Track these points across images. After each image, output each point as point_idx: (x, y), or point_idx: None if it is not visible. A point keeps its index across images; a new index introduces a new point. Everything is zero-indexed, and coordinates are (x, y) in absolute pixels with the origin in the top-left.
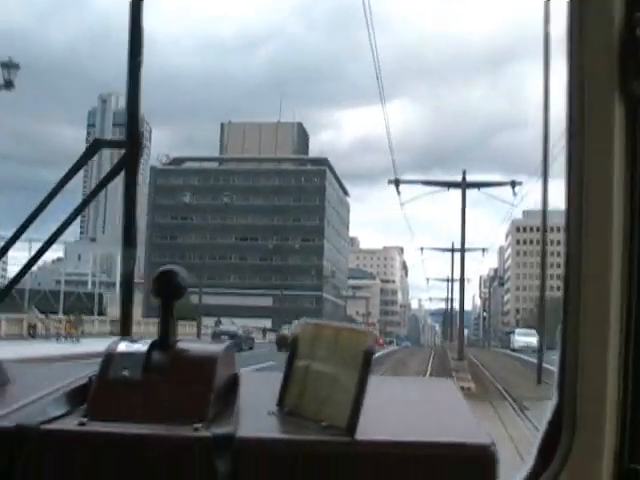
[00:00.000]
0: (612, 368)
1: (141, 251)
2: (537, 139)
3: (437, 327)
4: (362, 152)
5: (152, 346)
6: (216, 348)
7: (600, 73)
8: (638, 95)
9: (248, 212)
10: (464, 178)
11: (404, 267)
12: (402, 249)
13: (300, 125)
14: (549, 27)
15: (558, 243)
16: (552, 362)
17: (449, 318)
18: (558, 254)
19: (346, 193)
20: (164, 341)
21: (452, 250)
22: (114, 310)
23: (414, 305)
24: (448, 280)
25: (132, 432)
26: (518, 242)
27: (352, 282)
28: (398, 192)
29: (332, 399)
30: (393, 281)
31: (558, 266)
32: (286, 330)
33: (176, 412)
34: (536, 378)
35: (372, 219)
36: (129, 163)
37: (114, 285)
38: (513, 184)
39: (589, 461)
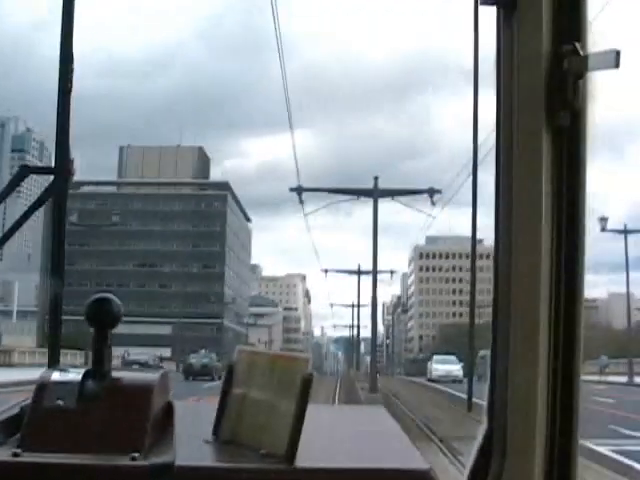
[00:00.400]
0: (542, 394)
1: (35, 278)
2: (444, 166)
3: (340, 354)
4: (266, 180)
5: (86, 375)
6: (151, 377)
7: (528, 104)
8: (564, 126)
9: (147, 238)
10: (376, 185)
11: (307, 295)
12: (304, 276)
13: (201, 149)
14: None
15: (460, 269)
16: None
17: (354, 345)
18: (460, 280)
19: (248, 219)
20: (98, 370)
21: (359, 272)
22: (11, 340)
23: (317, 332)
24: (354, 306)
25: (68, 462)
26: (421, 269)
27: (255, 310)
28: (301, 201)
29: (270, 426)
30: (296, 308)
31: (460, 292)
32: (194, 359)
33: (112, 442)
34: (465, 410)
35: (276, 247)
36: (58, 190)
37: (11, 314)
38: (431, 192)
39: None
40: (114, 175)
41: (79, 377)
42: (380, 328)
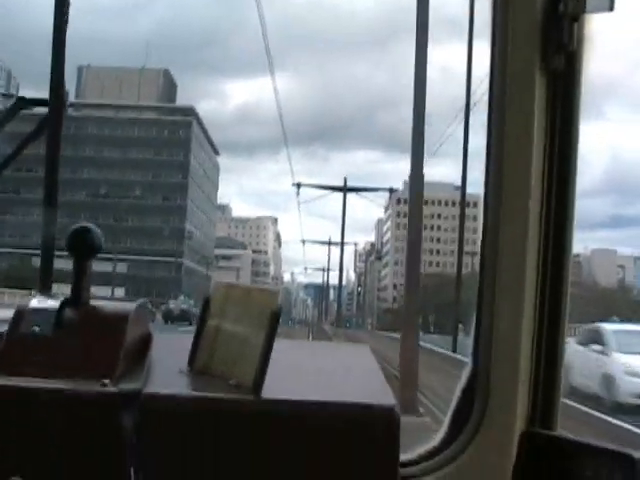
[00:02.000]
0: (526, 339)
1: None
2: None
3: (309, 301)
4: (244, 123)
5: (64, 303)
6: (127, 306)
7: (523, 47)
8: (559, 69)
9: (101, 165)
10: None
11: (277, 238)
12: (276, 219)
13: (167, 73)
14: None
15: (439, 216)
16: None
17: (324, 293)
18: (439, 228)
19: (216, 152)
20: (76, 299)
21: (329, 243)
22: None
23: (287, 278)
24: (329, 243)
25: (39, 387)
26: (398, 214)
27: (222, 251)
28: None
29: (241, 358)
30: (265, 252)
31: (439, 241)
32: (173, 305)
33: (85, 368)
34: None
35: (250, 190)
36: (53, 122)
37: None
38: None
39: (502, 426)
40: (72, 97)
41: (57, 305)
42: (351, 276)
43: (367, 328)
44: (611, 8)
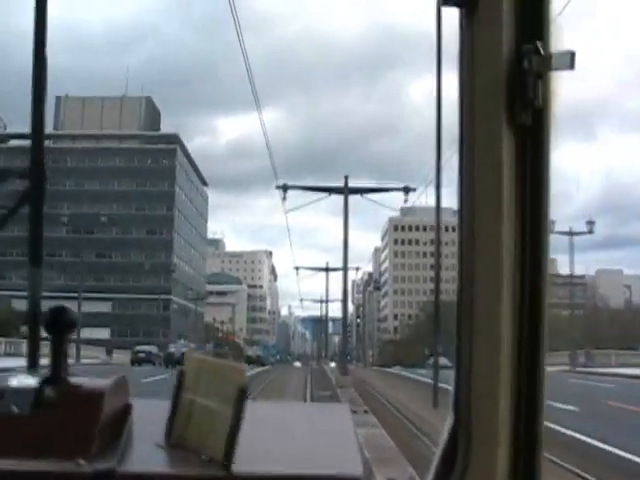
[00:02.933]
0: (505, 385)
1: None
2: (415, 146)
3: (307, 334)
4: (236, 158)
5: (43, 381)
6: (105, 382)
7: (489, 103)
8: (526, 125)
9: (82, 199)
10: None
11: (273, 272)
12: (271, 253)
13: (149, 100)
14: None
15: (432, 243)
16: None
17: (324, 326)
18: (432, 254)
19: (204, 182)
20: (55, 376)
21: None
22: None
23: (284, 312)
24: (327, 269)
25: (13, 469)
26: (396, 242)
27: (217, 287)
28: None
29: (212, 433)
30: (261, 286)
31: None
32: (173, 349)
33: (62, 447)
34: None
35: (244, 225)
36: (34, 193)
37: None
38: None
39: (485, 478)
40: (50, 129)
41: (36, 383)
42: (349, 307)
43: (368, 361)
44: (572, 66)
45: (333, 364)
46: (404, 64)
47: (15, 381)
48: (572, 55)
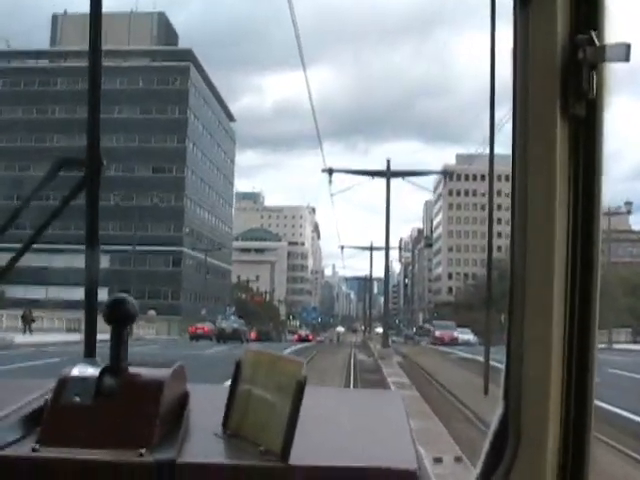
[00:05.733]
0: (555, 381)
1: None
2: (460, 106)
3: (352, 295)
4: (282, 117)
5: (104, 371)
6: (165, 371)
7: (543, 93)
8: (580, 117)
9: (75, 127)
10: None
11: (316, 229)
12: (314, 209)
13: (162, 15)
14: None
15: (499, 193)
16: None
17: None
18: (499, 207)
19: (230, 117)
20: (115, 366)
21: (371, 249)
22: None
23: (328, 272)
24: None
25: (80, 458)
26: (451, 193)
27: (254, 244)
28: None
29: (270, 424)
30: (303, 243)
31: (499, 222)
32: (225, 324)
33: (124, 437)
34: None
35: (287, 182)
36: (90, 182)
37: None
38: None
39: (534, 468)
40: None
41: (97, 373)
42: (395, 268)
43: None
44: (627, 59)
45: (380, 330)
46: (455, 23)
47: (76, 370)
48: (627, 47)
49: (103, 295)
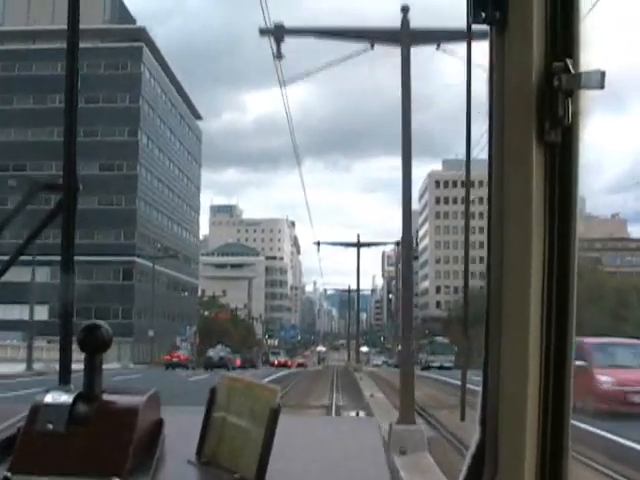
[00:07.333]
0: (532, 405)
1: None
2: (443, 119)
3: (334, 312)
4: (262, 135)
5: (77, 398)
6: (138, 399)
7: (519, 121)
8: (555, 143)
9: (5, 122)
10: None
11: (295, 243)
12: (293, 223)
13: None
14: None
15: (480, 201)
16: None
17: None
18: (481, 216)
19: (196, 114)
20: (89, 393)
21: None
22: None
23: (309, 288)
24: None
25: None
26: (438, 201)
27: (231, 259)
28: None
29: (244, 451)
30: (281, 258)
31: (481, 231)
32: (212, 353)
33: (97, 465)
34: None
35: (272, 201)
36: (67, 206)
37: None
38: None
39: None
40: None
41: (71, 400)
42: (378, 282)
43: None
44: (601, 86)
45: (365, 349)
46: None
47: (50, 397)
48: (602, 74)
49: (43, 314)
